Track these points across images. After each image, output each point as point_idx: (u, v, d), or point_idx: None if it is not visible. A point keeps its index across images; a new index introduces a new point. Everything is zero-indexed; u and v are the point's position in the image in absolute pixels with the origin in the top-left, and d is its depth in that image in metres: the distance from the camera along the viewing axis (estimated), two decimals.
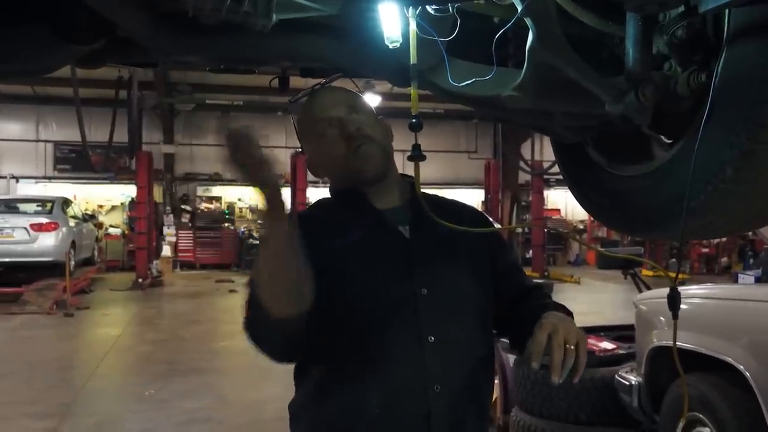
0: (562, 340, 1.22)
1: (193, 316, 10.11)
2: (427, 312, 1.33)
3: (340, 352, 1.33)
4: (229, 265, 17.40)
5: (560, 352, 1.20)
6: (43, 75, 2.10)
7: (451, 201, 1.59)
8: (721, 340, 3.15)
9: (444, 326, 1.34)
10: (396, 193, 1.47)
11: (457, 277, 1.41)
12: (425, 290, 1.35)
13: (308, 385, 1.39)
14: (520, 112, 1.71)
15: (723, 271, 16.50)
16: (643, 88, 1.44)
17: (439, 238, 1.41)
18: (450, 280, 1.40)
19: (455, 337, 1.35)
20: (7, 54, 1.70)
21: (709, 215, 1.50)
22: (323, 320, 1.31)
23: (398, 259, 1.38)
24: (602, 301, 11.64)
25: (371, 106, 1.54)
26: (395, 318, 1.33)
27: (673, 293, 1.23)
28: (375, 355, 1.31)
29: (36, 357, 7.32)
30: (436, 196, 1.56)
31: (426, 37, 1.49)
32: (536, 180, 16.07)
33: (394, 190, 1.47)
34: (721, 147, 1.38)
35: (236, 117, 17.59)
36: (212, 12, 1.38)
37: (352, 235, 1.39)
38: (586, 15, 1.52)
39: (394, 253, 1.38)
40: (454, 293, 1.39)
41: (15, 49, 1.68)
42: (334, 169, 1.48)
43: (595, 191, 1.90)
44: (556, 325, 1.24)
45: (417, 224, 1.42)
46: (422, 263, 1.38)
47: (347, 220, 1.43)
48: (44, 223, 11.86)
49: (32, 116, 17.49)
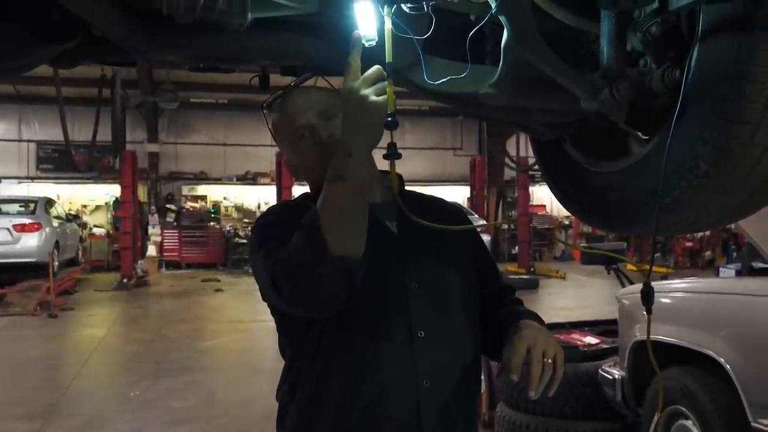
0: (541, 353, 1.25)
1: (179, 316, 10.07)
2: (417, 306, 1.34)
3: (331, 346, 1.33)
4: (215, 264, 17.35)
5: (539, 367, 1.24)
6: (18, 74, 2.08)
7: (432, 197, 1.60)
8: (702, 333, 3.18)
9: (434, 320, 1.36)
10: (378, 190, 1.46)
11: (446, 271, 1.42)
12: (416, 285, 1.36)
13: (298, 378, 1.38)
14: (497, 109, 1.71)
15: (707, 264, 16.66)
16: (617, 85, 1.45)
17: (426, 233, 1.40)
18: (439, 274, 1.41)
19: (445, 331, 1.37)
20: None
21: (684, 210, 1.51)
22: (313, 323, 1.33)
23: (389, 254, 1.38)
24: (588, 295, 11.72)
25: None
26: (387, 313, 1.34)
27: (646, 288, 1.24)
28: (366, 350, 1.32)
29: (20, 358, 7.27)
30: (416, 192, 1.56)
31: (402, 36, 1.48)
32: (521, 176, 16.14)
33: (377, 187, 1.46)
34: (694, 143, 1.39)
35: (221, 115, 17.55)
36: (186, 11, 1.37)
37: None
38: (561, 12, 1.53)
39: (384, 248, 1.37)
40: (444, 287, 1.40)
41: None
42: (311, 174, 1.47)
43: (574, 187, 1.92)
44: (536, 338, 1.28)
45: (404, 220, 1.39)
46: (412, 258, 1.39)
47: None
48: (27, 223, 11.78)
49: (15, 115, 17.34)
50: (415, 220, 1.32)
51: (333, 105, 1.44)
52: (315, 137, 1.42)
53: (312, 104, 1.45)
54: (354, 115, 1.15)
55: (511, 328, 1.35)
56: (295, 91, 1.53)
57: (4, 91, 15.97)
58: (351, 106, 1.15)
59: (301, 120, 1.44)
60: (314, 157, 1.43)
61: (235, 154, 18.30)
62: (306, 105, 1.45)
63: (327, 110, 1.44)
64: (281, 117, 1.49)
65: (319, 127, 1.42)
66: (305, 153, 1.45)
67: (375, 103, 1.14)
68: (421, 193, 1.59)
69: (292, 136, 1.46)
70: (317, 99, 1.47)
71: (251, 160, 18.20)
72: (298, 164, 1.49)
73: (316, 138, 1.42)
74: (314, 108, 1.44)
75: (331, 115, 1.43)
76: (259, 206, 18.74)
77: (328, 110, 1.44)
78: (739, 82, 1.31)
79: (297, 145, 1.45)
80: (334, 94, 1.49)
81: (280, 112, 1.49)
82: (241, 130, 18.07)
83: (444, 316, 1.38)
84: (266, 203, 18.41)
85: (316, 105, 1.45)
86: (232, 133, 18.24)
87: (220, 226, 18.19)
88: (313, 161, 1.43)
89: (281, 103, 1.50)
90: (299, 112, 1.45)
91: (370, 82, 1.16)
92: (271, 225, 1.40)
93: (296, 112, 1.45)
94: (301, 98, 1.48)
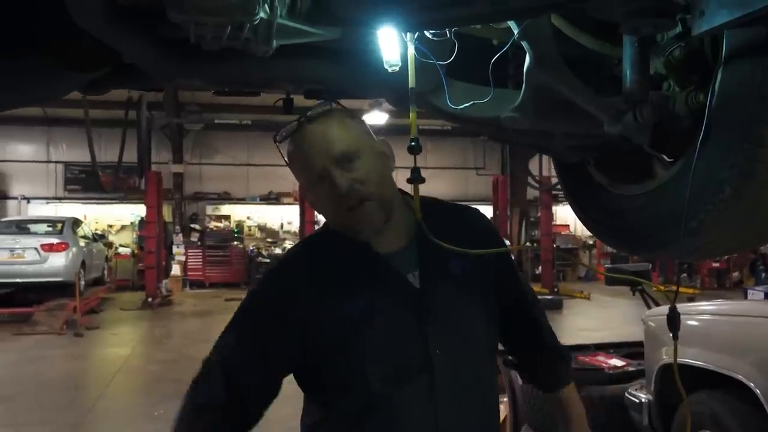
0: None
1: (202, 336, 10.09)
2: (441, 373, 1.29)
3: (353, 414, 1.30)
4: (239, 283, 17.40)
5: None
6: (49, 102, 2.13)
7: (454, 209, 1.52)
8: (731, 356, 3.12)
9: (457, 379, 1.31)
10: (401, 229, 1.37)
11: (469, 328, 1.36)
12: (438, 350, 1.30)
13: (320, 425, 1.37)
14: (519, 133, 1.72)
15: (734, 286, 16.34)
16: (640, 108, 1.45)
17: (450, 280, 1.35)
18: (462, 333, 1.34)
19: (466, 385, 1.34)
20: (15, 84, 1.73)
21: (709, 234, 1.50)
22: (334, 385, 1.31)
23: (409, 317, 1.31)
24: (613, 316, 11.56)
25: (367, 130, 1.38)
26: (410, 382, 1.29)
27: (672, 313, 1.23)
28: (389, 418, 1.28)
29: (46, 377, 7.33)
30: (438, 203, 1.48)
31: (425, 61, 1.50)
32: (545, 195, 16.03)
33: (400, 226, 1.37)
34: (719, 166, 1.38)
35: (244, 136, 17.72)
36: (213, 39, 1.40)
37: (356, 295, 1.30)
38: (584, 37, 1.54)
39: (404, 310, 1.31)
40: (467, 347, 1.35)
41: (22, 79, 1.71)
42: (329, 215, 1.37)
43: (597, 210, 1.91)
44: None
45: (426, 267, 1.34)
46: (435, 320, 1.31)
47: (349, 271, 1.33)
48: (55, 243, 11.91)
49: (43, 137, 17.65)
50: (442, 245, 1.30)
51: (354, 143, 1.31)
52: (333, 189, 1.28)
53: (329, 144, 1.30)
54: None
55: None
56: (314, 125, 1.32)
57: (33, 113, 16.29)
58: None
59: (317, 163, 1.29)
60: (331, 206, 1.32)
61: (258, 174, 18.43)
62: (324, 146, 1.29)
63: (347, 152, 1.30)
64: (296, 154, 1.34)
65: (337, 176, 1.28)
66: (321, 197, 1.33)
67: None
68: (441, 204, 1.49)
69: (308, 177, 1.32)
70: (337, 138, 1.30)
71: (274, 181, 18.30)
72: (315, 201, 1.37)
73: (335, 191, 1.28)
74: (333, 150, 1.29)
75: (352, 157, 1.29)
76: (282, 226, 18.86)
77: (348, 152, 1.30)
78: (763, 105, 1.31)
79: (313, 186, 1.33)
80: (357, 127, 1.36)
81: (295, 147, 1.33)
82: (264, 151, 18.20)
83: (466, 375, 1.34)
84: (289, 222, 18.55)
85: (335, 146, 1.29)
86: (256, 154, 18.39)
87: (243, 245, 18.27)
88: (329, 209, 1.34)
89: (296, 137, 1.33)
90: (316, 154, 1.30)
91: None
92: (247, 319, 1.38)
93: (312, 153, 1.30)
94: (318, 136, 1.31)
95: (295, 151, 1.34)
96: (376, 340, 1.29)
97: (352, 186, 1.27)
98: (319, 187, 1.31)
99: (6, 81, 1.70)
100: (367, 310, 1.29)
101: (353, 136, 1.33)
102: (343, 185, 1.27)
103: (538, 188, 16.17)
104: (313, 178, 1.31)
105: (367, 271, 1.33)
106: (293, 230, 18.30)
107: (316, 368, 1.32)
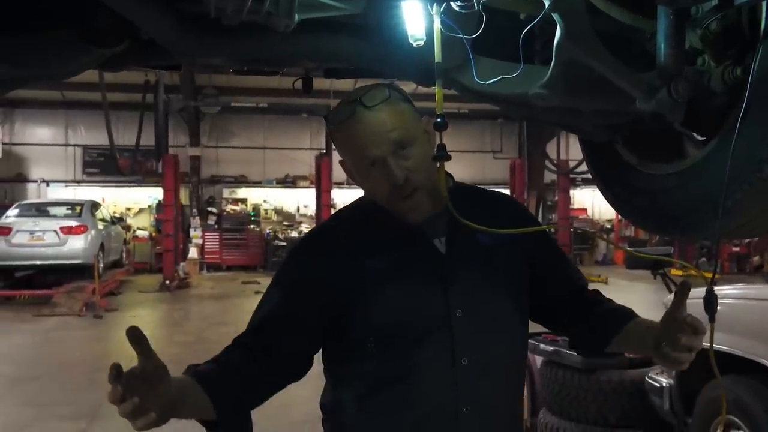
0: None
1: (219, 318, 10.17)
2: (461, 334, 1.30)
3: (373, 374, 1.32)
4: (255, 266, 17.50)
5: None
6: (67, 79, 2.12)
7: (489, 194, 1.52)
8: (756, 341, 3.07)
9: (478, 348, 1.31)
10: (433, 198, 1.36)
11: (493, 295, 1.36)
12: (460, 311, 1.31)
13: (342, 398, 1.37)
14: (547, 111, 1.67)
15: (754, 270, 16.17)
16: (675, 84, 1.39)
17: (476, 249, 1.36)
18: (486, 298, 1.35)
19: (489, 357, 1.32)
20: (32, 59, 1.71)
21: (745, 214, 1.45)
22: (357, 344, 1.32)
23: (433, 278, 1.33)
24: (631, 301, 11.32)
25: (415, 109, 1.36)
26: (430, 341, 1.30)
27: (709, 296, 1.19)
28: (408, 378, 1.29)
29: (67, 359, 7.41)
30: (474, 188, 1.50)
31: (451, 35, 1.45)
32: (562, 179, 15.93)
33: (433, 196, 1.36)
34: (758, 144, 1.33)
35: (261, 119, 17.72)
36: (234, 13, 1.37)
37: (383, 256, 1.33)
38: (616, 10, 1.49)
39: (428, 272, 1.33)
40: (490, 312, 1.35)
41: (39, 54, 1.69)
42: (376, 196, 1.37)
43: (626, 190, 1.86)
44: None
45: (453, 236, 1.36)
46: (457, 282, 1.33)
47: (377, 237, 1.36)
48: (74, 226, 12.03)
49: (61, 121, 17.78)
50: (469, 225, 1.29)
51: (408, 128, 1.31)
52: (389, 178, 1.29)
53: (385, 131, 1.28)
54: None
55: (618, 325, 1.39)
56: (366, 111, 1.28)
57: (52, 97, 16.41)
58: None
59: (373, 151, 1.28)
60: (384, 192, 1.32)
61: (274, 157, 18.46)
62: (379, 131, 1.28)
63: (401, 138, 1.29)
64: (349, 138, 1.31)
65: (393, 165, 1.28)
66: (375, 184, 1.33)
67: None
68: (477, 188, 1.51)
69: (360, 161, 1.32)
70: (394, 124, 1.29)
71: (290, 164, 18.34)
72: (362, 182, 1.37)
73: (391, 180, 1.28)
74: (390, 136, 1.28)
75: (405, 144, 1.29)
76: (298, 209, 18.90)
77: (403, 139, 1.29)
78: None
79: (364, 171, 1.33)
80: (410, 112, 1.34)
81: (347, 130, 1.31)
82: (280, 134, 18.24)
83: (490, 342, 1.33)
84: (305, 206, 18.57)
85: (392, 132, 1.28)
86: (272, 137, 18.41)
87: (260, 228, 18.35)
88: (382, 193, 1.33)
89: (348, 120, 1.30)
90: (372, 142, 1.28)
91: None
92: (286, 274, 1.40)
93: (369, 140, 1.28)
94: (373, 119, 1.28)
95: (345, 132, 1.32)
96: (397, 293, 1.31)
97: (407, 176, 1.29)
98: (371, 173, 1.32)
99: (24, 56, 1.67)
100: (391, 267, 1.32)
101: (408, 122, 1.32)
102: (399, 176, 1.28)
103: (555, 171, 16.07)
104: (366, 162, 1.31)
105: (395, 235, 1.35)
106: (309, 213, 18.33)
107: (339, 320, 1.33)
